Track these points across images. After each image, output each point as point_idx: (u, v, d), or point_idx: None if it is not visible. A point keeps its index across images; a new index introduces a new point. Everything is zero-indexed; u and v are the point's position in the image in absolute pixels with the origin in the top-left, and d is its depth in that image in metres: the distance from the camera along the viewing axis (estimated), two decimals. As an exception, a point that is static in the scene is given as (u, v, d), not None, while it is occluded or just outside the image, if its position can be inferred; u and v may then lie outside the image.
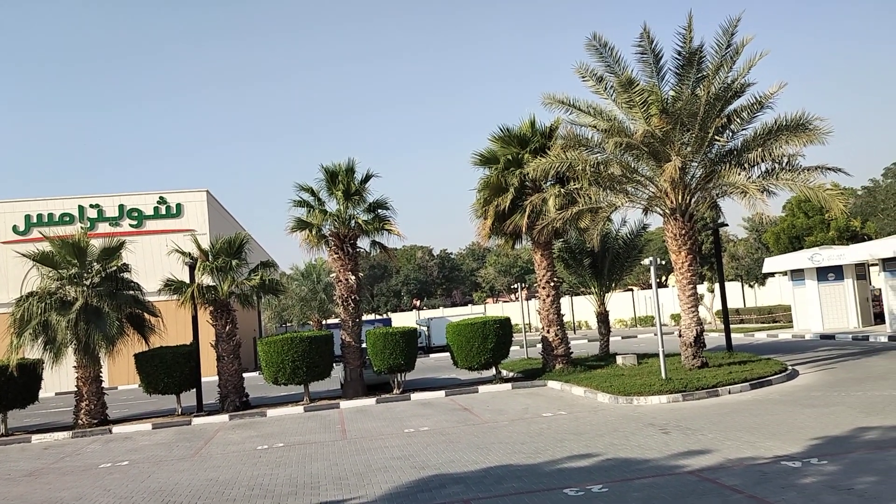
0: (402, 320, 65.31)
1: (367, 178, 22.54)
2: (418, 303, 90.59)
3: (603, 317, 27.22)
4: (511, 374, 24.24)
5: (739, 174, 18.88)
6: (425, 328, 45.91)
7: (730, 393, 16.95)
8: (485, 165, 23.26)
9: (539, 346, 27.08)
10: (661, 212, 20.56)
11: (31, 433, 19.94)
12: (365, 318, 24.01)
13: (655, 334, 42.38)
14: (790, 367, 19.63)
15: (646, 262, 18.97)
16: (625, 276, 28.97)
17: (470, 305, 79.79)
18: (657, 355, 23.12)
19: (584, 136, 20.45)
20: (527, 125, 22.91)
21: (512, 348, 22.94)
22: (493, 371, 22.76)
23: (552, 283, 23.12)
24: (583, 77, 20.32)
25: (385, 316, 73.50)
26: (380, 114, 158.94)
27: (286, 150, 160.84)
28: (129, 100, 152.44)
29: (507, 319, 22.33)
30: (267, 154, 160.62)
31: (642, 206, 21.09)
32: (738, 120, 20.04)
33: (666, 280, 68.07)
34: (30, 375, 20.02)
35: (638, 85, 19.23)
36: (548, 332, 23.07)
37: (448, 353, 22.94)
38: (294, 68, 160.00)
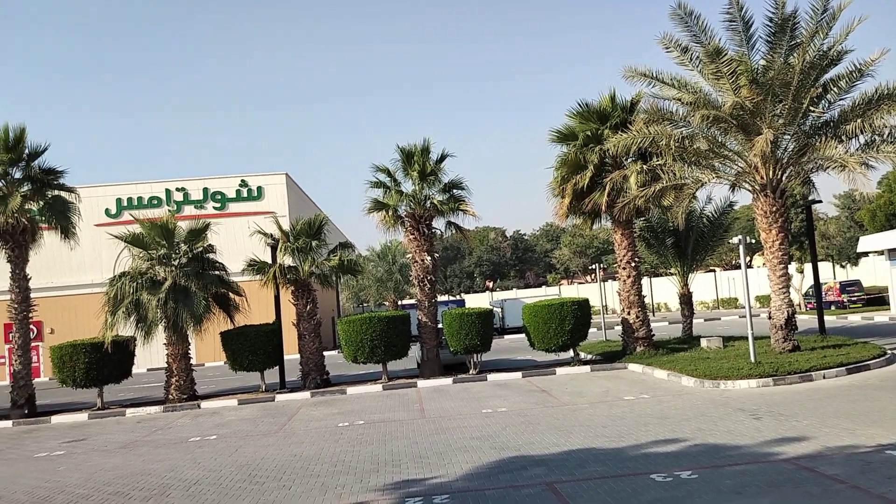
0: (475, 302, 65.26)
1: (443, 157, 22.45)
2: (491, 284, 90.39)
3: (686, 298, 26.39)
4: (589, 357, 23.84)
5: (836, 147, 17.83)
6: (499, 309, 45.75)
7: (824, 378, 16.14)
8: (562, 142, 22.77)
9: (618, 328, 26.59)
10: (749, 188, 19.66)
11: (126, 407, 20.88)
12: (438, 299, 24.15)
13: (741, 317, 41.18)
14: (889, 352, 18.54)
15: (734, 240, 18.19)
16: (709, 256, 27.99)
17: (544, 287, 79.02)
18: (744, 338, 22.35)
19: (667, 110, 19.71)
20: (606, 100, 22.28)
21: (590, 330, 22.53)
22: (570, 353, 22.44)
23: (633, 264, 22.53)
24: (666, 48, 19.53)
25: (458, 297, 73.66)
26: (453, 91, 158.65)
27: (360, 131, 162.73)
28: (208, 83, 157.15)
29: (586, 301, 21.92)
30: (342, 135, 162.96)
31: (729, 182, 20.22)
32: (834, 89, 18.90)
33: (751, 260, 65.68)
34: (123, 352, 20.93)
35: (726, 55, 18.35)
36: (628, 313, 22.53)
37: (523, 335, 22.75)
38: (368, 46, 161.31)
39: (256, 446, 13.66)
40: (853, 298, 40.31)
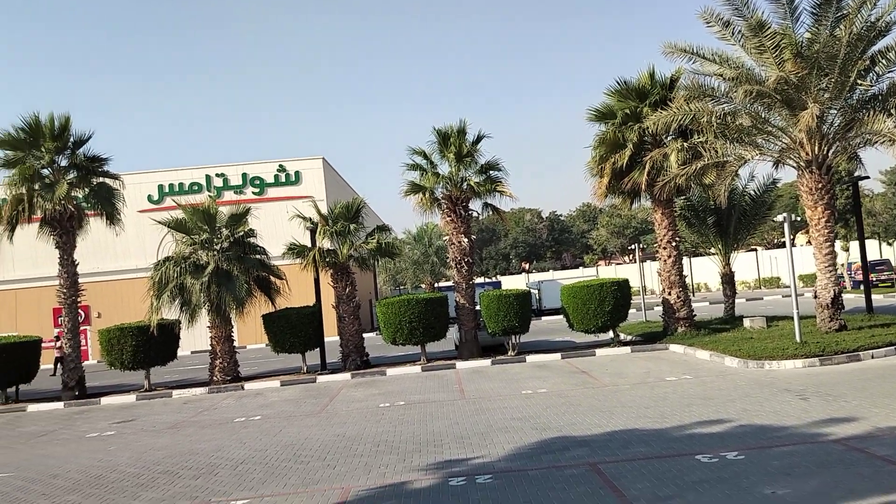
0: (512, 284, 65.13)
1: (479, 139, 22.34)
2: (527, 266, 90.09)
3: (728, 278, 25.99)
4: (629, 338, 23.66)
5: (885, 121, 17.29)
6: (536, 291, 45.60)
7: (873, 357, 15.80)
8: (600, 121, 22.49)
9: (657, 308, 26.33)
10: (794, 164, 19.20)
11: (172, 388, 21.34)
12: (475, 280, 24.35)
13: (784, 296, 40.42)
14: (941, 331, 18.05)
15: (779, 218, 17.84)
16: (752, 235, 27.50)
17: (581, 268, 78.50)
18: (787, 318, 21.99)
19: (709, 86, 19.31)
20: (645, 77, 21.91)
21: (629, 311, 22.32)
22: (610, 334, 22.30)
23: (673, 243, 22.22)
24: (707, 22, 19.08)
25: (494, 279, 73.63)
26: (488, 71, 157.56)
27: (396, 113, 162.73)
28: (245, 68, 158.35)
29: (625, 281, 21.72)
30: (377, 118, 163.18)
31: (773, 158, 19.79)
32: (883, 61, 18.31)
33: (794, 239, 64.09)
34: (169, 335, 21.36)
35: (769, 28, 17.88)
36: (669, 293, 22.27)
37: (560, 317, 22.65)
38: (403, 25, 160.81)
39: (300, 426, 13.88)
40: (882, 278, 39.40)
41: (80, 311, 22.07)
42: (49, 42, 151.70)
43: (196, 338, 31.45)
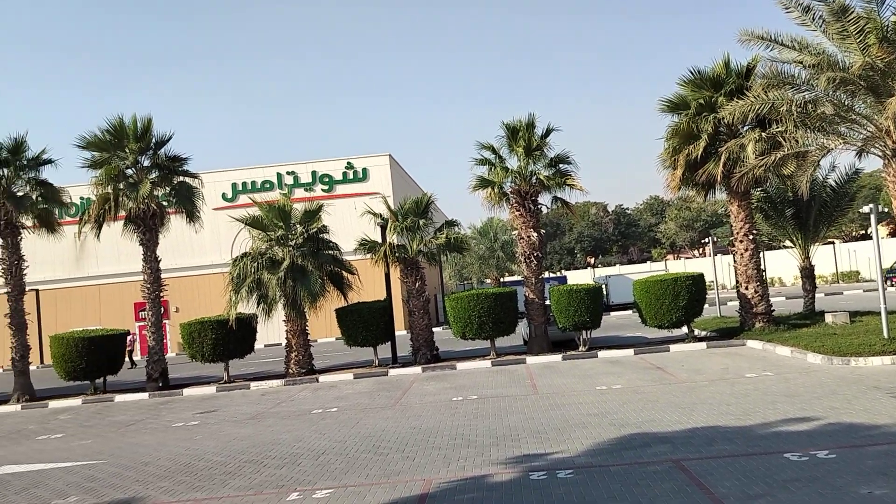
0: (577, 278, 64.46)
1: (548, 132, 22.20)
2: (592, 260, 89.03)
3: (807, 271, 25.14)
4: (704, 333, 23.15)
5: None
6: (604, 286, 45.04)
7: (968, 355, 15.04)
8: (673, 112, 22.04)
9: (731, 304, 25.70)
10: (880, 153, 18.40)
11: (249, 381, 21.99)
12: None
13: (865, 290, 38.81)
14: None
15: (865, 209, 17.14)
16: (833, 227, 26.50)
17: (648, 262, 77.09)
18: (871, 313, 21.19)
19: (788, 74, 18.68)
20: (720, 66, 21.36)
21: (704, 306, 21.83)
22: (684, 330, 21.87)
23: (750, 236, 21.63)
24: (786, 8, 18.44)
25: (559, 274, 73.00)
26: (550, 63, 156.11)
27: (456, 110, 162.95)
28: (310, 70, 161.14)
29: (700, 275, 21.25)
30: (440, 114, 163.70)
31: (856, 147, 19.00)
32: (976, 44, 17.35)
33: (869, 231, 61.23)
34: (246, 328, 21.98)
35: (852, 12, 17.18)
36: (746, 288, 21.68)
37: (629, 312, 22.35)
38: (470, 20, 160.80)
39: (376, 418, 14.11)
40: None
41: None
42: (117, 43, 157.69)
43: (268, 331, 32.27)
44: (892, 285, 38.08)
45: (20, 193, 23.10)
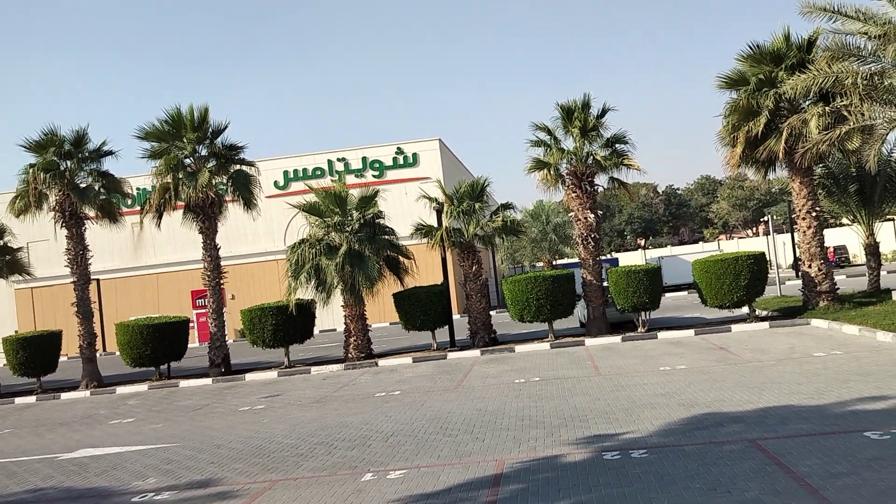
0: (629, 260, 63.75)
1: (604, 112, 21.93)
2: (643, 242, 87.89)
3: (872, 248, 24.43)
4: (766, 313, 22.70)
5: None
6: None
7: None
8: (731, 88, 21.52)
9: (788, 283, 25.12)
10: (951, 125, 17.74)
11: (310, 365, 22.36)
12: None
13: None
14: None
15: (937, 183, 16.54)
16: (897, 203, 25.66)
17: (701, 243, 75.78)
18: (944, 290, 20.43)
19: (853, 46, 18.09)
20: (780, 40, 20.75)
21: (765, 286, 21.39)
22: (744, 310, 21.49)
23: (813, 214, 21.08)
24: (851, -23, 17.85)
25: (610, 256, 72.25)
26: (603, 42, 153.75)
27: (504, 92, 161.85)
28: (358, 57, 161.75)
29: (762, 254, 20.83)
30: (488, 97, 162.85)
31: (926, 120, 18.33)
32: None
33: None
34: (305, 314, 22.36)
35: (922, -22, 16.52)
36: (809, 266, 21.16)
37: (683, 293, 22.03)
38: (507, 7, 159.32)
39: (440, 401, 14.22)
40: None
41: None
42: (167, 36, 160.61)
43: (323, 317, 32.73)
44: None
45: (83, 185, 23.81)
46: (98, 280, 40.45)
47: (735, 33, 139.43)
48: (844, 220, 27.51)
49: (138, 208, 27.12)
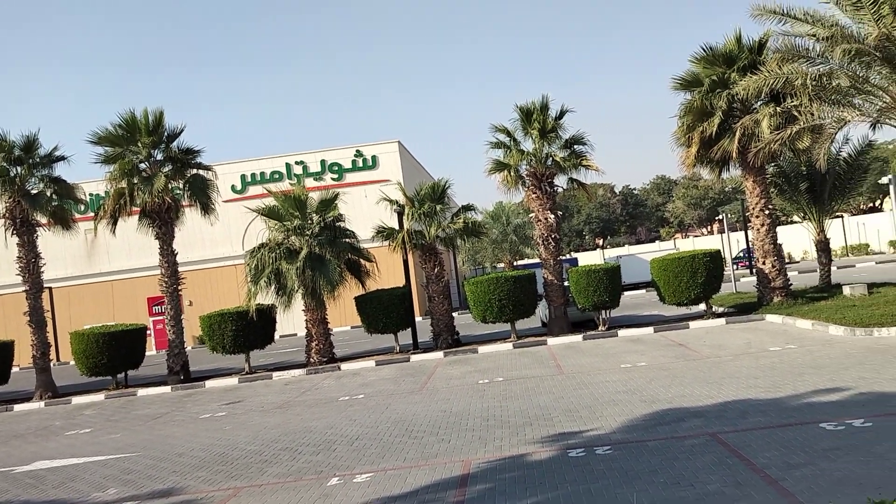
0: (588, 260, 64.40)
1: (562, 114, 22.19)
2: (601, 241, 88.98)
3: (823, 245, 25.10)
4: (722, 309, 23.19)
5: None
6: (615, 266, 45.02)
7: None
8: (686, 89, 21.97)
9: (744, 280, 25.68)
10: (895, 125, 18.36)
11: (271, 371, 22.11)
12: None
13: (877, 262, 38.79)
14: None
15: (884, 180, 17.18)
16: (847, 200, 26.42)
17: (657, 242, 77.05)
18: (888, 284, 21.20)
19: (802, 47, 18.59)
20: (732, 42, 21.27)
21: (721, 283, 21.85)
22: (701, 307, 21.92)
23: (766, 211, 21.62)
24: (799, -19, 18.34)
25: (570, 256, 72.98)
26: (559, 42, 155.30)
27: (467, 94, 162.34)
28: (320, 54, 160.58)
29: (718, 252, 21.30)
30: (447, 99, 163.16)
31: (872, 120, 18.92)
32: None
33: (881, 203, 61.34)
34: (266, 319, 22.09)
35: (866, -17, 17.05)
36: (763, 263, 21.70)
37: (641, 291, 22.37)
38: (464, 9, 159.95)
39: (405, 403, 14.20)
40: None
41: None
42: (124, 39, 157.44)
43: (283, 322, 32.37)
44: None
45: (34, 191, 23.17)
46: (51, 288, 39.34)
47: (689, 34, 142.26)
48: (796, 218, 28.20)
49: (92, 214, 26.48)
